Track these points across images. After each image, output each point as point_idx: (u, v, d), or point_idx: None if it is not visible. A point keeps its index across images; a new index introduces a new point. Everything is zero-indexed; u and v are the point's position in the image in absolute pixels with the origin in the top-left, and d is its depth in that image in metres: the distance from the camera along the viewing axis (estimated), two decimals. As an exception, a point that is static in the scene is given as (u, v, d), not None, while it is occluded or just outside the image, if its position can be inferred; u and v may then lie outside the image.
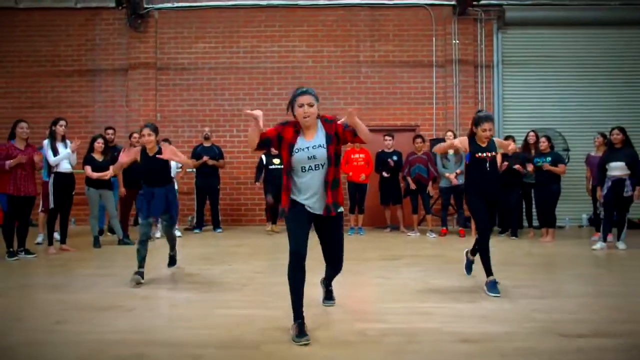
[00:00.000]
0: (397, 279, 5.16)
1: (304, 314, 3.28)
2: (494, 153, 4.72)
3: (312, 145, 3.29)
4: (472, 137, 4.73)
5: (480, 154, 4.62)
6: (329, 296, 4.07)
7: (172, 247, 5.59)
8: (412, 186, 8.70)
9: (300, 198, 3.36)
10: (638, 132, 9.90)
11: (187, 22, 10.56)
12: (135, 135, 8.16)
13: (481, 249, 4.56)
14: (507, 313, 3.83)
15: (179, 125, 10.51)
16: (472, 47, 10.42)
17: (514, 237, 8.22)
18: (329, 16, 10.48)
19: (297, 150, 3.29)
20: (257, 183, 9.08)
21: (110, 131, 8.48)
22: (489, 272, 4.50)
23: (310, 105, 3.26)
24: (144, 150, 5.28)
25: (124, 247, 7.37)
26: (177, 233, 8.59)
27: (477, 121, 4.64)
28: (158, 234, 8.46)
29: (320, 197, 3.36)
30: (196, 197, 9.36)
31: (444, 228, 8.72)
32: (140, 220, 5.28)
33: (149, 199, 5.20)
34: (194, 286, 4.81)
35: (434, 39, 10.43)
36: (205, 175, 9.20)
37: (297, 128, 3.35)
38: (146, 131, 5.21)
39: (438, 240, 8.32)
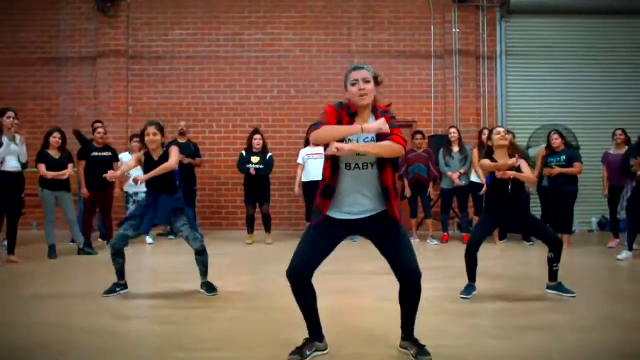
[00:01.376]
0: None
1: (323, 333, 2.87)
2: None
3: (364, 137, 2.71)
4: (488, 152, 4.35)
5: (501, 175, 4.22)
6: (420, 347, 2.83)
7: (204, 272, 4.51)
8: (407, 192, 7.87)
9: (338, 205, 2.74)
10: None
11: (162, 6, 9.60)
12: (100, 130, 7.21)
13: (466, 255, 4.32)
14: (552, 352, 2.98)
15: (152, 119, 9.50)
16: (473, 37, 9.61)
17: (529, 243, 7.43)
18: (318, 1, 9.60)
19: (346, 141, 2.67)
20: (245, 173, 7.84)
21: (98, 124, 7.44)
22: (470, 277, 4.34)
23: (366, 81, 2.69)
24: (147, 153, 4.52)
25: (85, 258, 6.43)
26: (148, 239, 7.71)
27: (489, 133, 4.45)
28: (150, 239, 7.64)
29: (369, 200, 2.74)
30: (170, 199, 8.39)
31: (446, 233, 7.89)
32: (122, 229, 4.38)
33: (153, 207, 4.38)
34: (150, 317, 3.92)
35: (432, 27, 9.60)
36: (180, 174, 8.23)
37: (350, 112, 2.76)
38: (151, 129, 4.45)
39: (440, 247, 7.50)
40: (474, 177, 7.63)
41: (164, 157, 4.49)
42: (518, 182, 4.32)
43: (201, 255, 4.46)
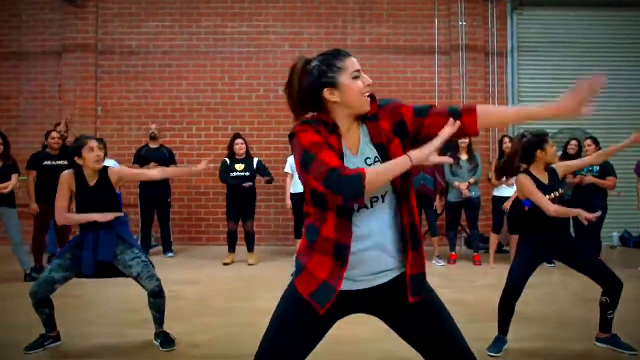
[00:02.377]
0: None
1: None
2: (562, 191, 3.44)
3: (361, 158, 1.75)
4: (529, 171, 3.49)
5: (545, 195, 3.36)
6: None
7: (160, 320, 3.51)
8: None
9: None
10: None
11: (136, -5, 8.61)
12: (54, 134, 6.22)
13: (501, 307, 3.40)
14: None
15: (124, 121, 8.54)
16: (482, 31, 8.64)
17: (550, 265, 6.50)
18: (310, -10, 8.65)
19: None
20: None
21: (60, 127, 6.73)
22: (502, 330, 3.42)
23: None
24: (79, 176, 3.46)
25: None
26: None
27: (540, 141, 3.48)
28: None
29: (386, 256, 1.75)
30: (141, 212, 7.39)
31: (453, 253, 6.93)
32: (48, 272, 3.34)
33: (92, 239, 3.36)
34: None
35: (436, 20, 8.64)
36: (153, 185, 7.25)
37: (332, 129, 1.75)
38: (94, 143, 3.45)
39: (449, 269, 6.55)
40: (496, 192, 6.71)
41: (104, 183, 3.48)
42: (562, 202, 3.43)
43: (156, 299, 3.43)
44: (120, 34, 8.61)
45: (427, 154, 1.61)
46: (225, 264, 6.76)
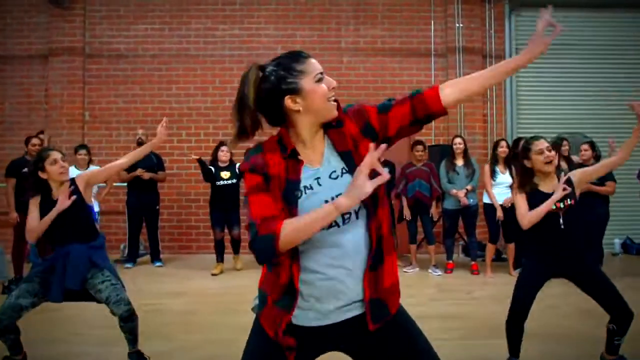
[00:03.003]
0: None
1: None
2: (571, 201, 3.00)
3: (332, 172, 1.55)
4: (532, 185, 3.12)
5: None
6: None
7: (133, 341, 3.26)
8: (407, 215, 6.69)
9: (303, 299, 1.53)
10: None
11: (125, -3, 8.40)
12: (35, 141, 6.00)
13: (509, 327, 3.12)
14: None
15: (112, 127, 8.31)
16: (479, 33, 8.46)
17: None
18: (302, -8, 8.46)
19: (306, 192, 1.52)
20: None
21: (42, 136, 6.45)
22: (512, 351, 3.16)
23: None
24: (44, 189, 3.28)
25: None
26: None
27: (524, 152, 3.14)
28: None
29: (354, 280, 1.53)
30: (128, 220, 7.16)
31: (450, 262, 6.70)
32: (13, 296, 3.07)
33: (61, 264, 3.12)
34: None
35: (432, 22, 8.44)
36: (141, 191, 7.05)
37: (286, 150, 1.56)
38: (57, 154, 3.25)
39: (445, 279, 6.32)
40: (486, 198, 6.47)
41: (73, 194, 3.23)
42: (573, 209, 3.06)
43: (126, 323, 3.16)
44: (108, 37, 8.40)
45: (354, 197, 1.40)
46: (214, 274, 6.54)
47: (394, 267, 1.63)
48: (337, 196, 1.46)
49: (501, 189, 6.32)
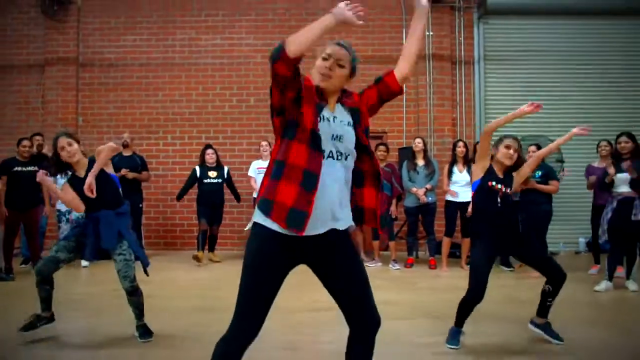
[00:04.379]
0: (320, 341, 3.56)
1: None
2: (509, 190, 3.66)
3: (338, 119, 2.14)
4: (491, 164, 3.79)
5: (492, 183, 3.68)
6: None
7: (139, 315, 3.80)
8: None
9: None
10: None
11: (115, 11, 8.97)
12: (26, 142, 6.57)
13: (462, 305, 3.58)
14: None
15: (104, 130, 8.87)
16: (448, 40, 8.87)
17: (508, 269, 6.68)
18: (280, 4, 8.93)
19: (321, 118, 2.09)
20: (178, 201, 7.58)
21: (38, 138, 7.14)
22: (458, 322, 3.63)
23: (341, 66, 2.20)
24: (71, 175, 3.80)
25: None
26: (84, 262, 7.03)
27: (497, 142, 3.85)
28: (86, 262, 6.89)
29: (334, 205, 2.06)
30: (113, 218, 7.71)
31: (411, 257, 7.12)
32: (52, 251, 3.70)
33: (93, 228, 3.67)
34: None
35: (403, 30, 8.87)
36: (125, 191, 7.51)
37: (318, 91, 2.16)
38: (64, 141, 3.71)
39: (402, 273, 6.74)
40: (449, 196, 6.88)
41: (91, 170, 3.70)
42: (509, 199, 3.69)
43: (131, 297, 3.74)
44: (99, 48, 8.99)
45: (340, 14, 2.09)
46: (196, 258, 7.16)
47: (372, 198, 2.15)
48: (339, 136, 2.08)
49: (458, 187, 6.76)
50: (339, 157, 2.06)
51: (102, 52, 9.00)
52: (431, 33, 8.79)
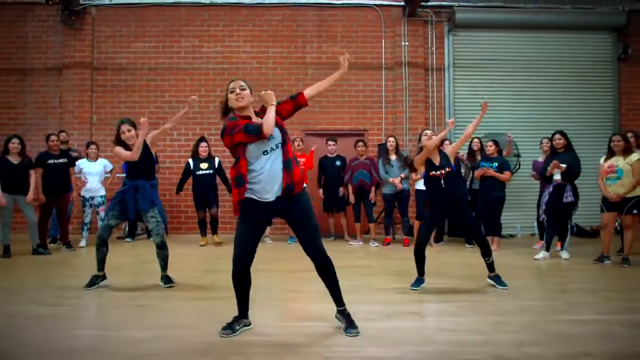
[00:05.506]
0: (308, 290, 4.72)
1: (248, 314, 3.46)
2: (447, 169, 4.76)
3: (274, 143, 3.25)
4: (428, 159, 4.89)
5: (433, 172, 4.78)
6: (350, 322, 3.42)
7: (164, 266, 4.97)
8: (351, 199, 8.32)
9: (257, 189, 3.23)
10: (591, 137, 9.74)
11: (126, 20, 10.04)
12: (53, 137, 7.61)
13: (416, 252, 4.78)
14: (406, 333, 3.41)
15: (116, 128, 9.88)
16: (422, 50, 10.11)
17: (470, 246, 7.88)
18: (274, 15, 10.07)
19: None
20: (177, 194, 8.52)
21: (63, 134, 8.25)
22: (419, 271, 4.80)
23: (243, 89, 3.30)
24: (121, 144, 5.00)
25: (38, 258, 6.80)
26: (128, 239, 8.16)
27: (419, 136, 4.99)
28: (83, 242, 7.93)
29: (279, 180, 3.24)
30: (128, 204, 8.79)
31: (388, 237, 8.31)
32: (105, 220, 4.86)
33: (133, 193, 4.81)
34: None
35: (383, 40, 10.09)
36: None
37: (244, 116, 3.31)
38: (125, 127, 4.97)
39: (380, 249, 7.92)
40: (417, 185, 8.05)
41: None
42: (450, 174, 4.78)
43: (161, 250, 4.90)
44: (112, 53, 10.03)
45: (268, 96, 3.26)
46: (202, 245, 8.13)
47: (299, 174, 3.30)
48: (271, 135, 3.19)
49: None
50: (277, 147, 3.22)
51: (114, 57, 10.04)
52: (407, 43, 10.01)
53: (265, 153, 3.20)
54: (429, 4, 9.81)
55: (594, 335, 3.37)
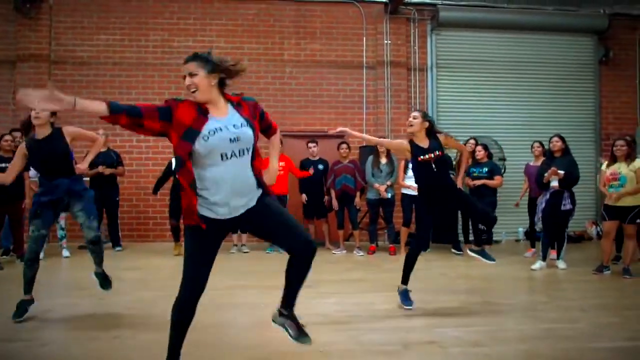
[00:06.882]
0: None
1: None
2: (438, 153, 4.29)
3: (231, 123, 2.51)
4: (410, 140, 4.40)
5: (423, 157, 4.29)
6: (300, 328, 2.71)
7: (99, 263, 4.31)
8: (335, 205, 7.85)
9: (212, 200, 2.52)
10: (573, 140, 9.54)
11: (87, 10, 9.24)
12: (7, 137, 6.85)
13: (410, 256, 4.38)
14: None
15: (76, 126, 9.10)
16: (404, 48, 9.72)
17: (458, 252, 7.52)
18: (250, 9, 9.49)
19: (213, 132, 2.44)
20: (155, 194, 7.84)
21: (16, 133, 7.27)
22: (405, 280, 4.40)
23: (193, 75, 2.55)
24: (31, 140, 4.19)
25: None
26: (65, 253, 7.38)
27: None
28: (67, 253, 7.34)
29: (244, 194, 2.55)
30: (91, 210, 8.05)
31: (373, 245, 7.88)
32: (30, 231, 4.06)
33: (51, 193, 4.06)
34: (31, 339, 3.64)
35: (364, 38, 9.65)
36: (101, 185, 7.92)
37: (200, 107, 2.53)
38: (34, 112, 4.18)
39: (366, 258, 7.48)
40: (404, 190, 7.66)
41: (51, 139, 4.19)
42: (441, 159, 4.34)
43: (95, 246, 4.20)
44: (72, 46, 9.22)
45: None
46: (176, 255, 7.43)
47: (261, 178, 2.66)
48: (236, 138, 2.47)
49: (412, 181, 7.55)
50: (242, 154, 2.51)
51: (75, 50, 9.24)
52: (389, 42, 9.60)
53: (224, 158, 2.58)
54: (412, 1, 9.44)
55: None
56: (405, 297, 4.36)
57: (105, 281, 4.35)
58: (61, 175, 4.15)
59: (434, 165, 4.28)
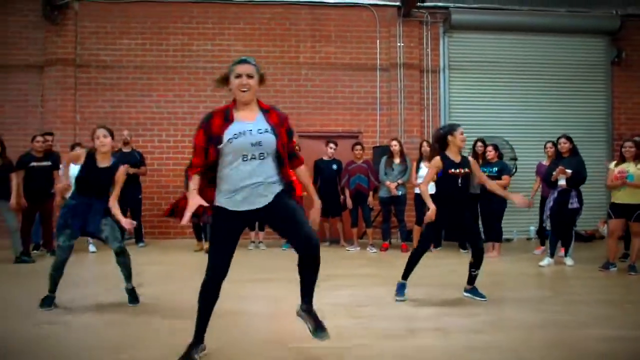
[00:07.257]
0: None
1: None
2: (467, 170, 4.58)
3: (256, 128, 2.80)
4: (442, 153, 4.61)
5: (453, 170, 4.55)
6: (318, 324, 2.92)
7: (127, 277, 4.48)
8: (349, 204, 8.09)
9: (231, 195, 2.82)
10: (585, 141, 9.68)
11: (111, 15, 9.61)
12: (39, 138, 7.23)
13: (414, 255, 4.65)
14: (434, 353, 3.19)
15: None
16: (417, 51, 9.93)
17: (465, 251, 7.72)
18: (265, 13, 9.78)
19: (235, 136, 2.75)
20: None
21: (49, 137, 7.74)
22: (405, 276, 4.65)
23: (250, 77, 2.81)
24: (91, 156, 4.41)
25: (21, 267, 6.41)
26: (92, 248, 7.74)
27: (450, 129, 4.70)
28: (93, 248, 7.65)
29: (261, 193, 2.84)
30: (115, 208, 8.42)
31: (386, 242, 8.11)
32: (60, 241, 4.27)
33: (84, 210, 4.29)
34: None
35: (377, 41, 9.88)
36: (125, 184, 8.15)
37: (227, 114, 2.84)
38: (101, 132, 4.41)
39: (378, 255, 7.72)
40: (418, 190, 7.84)
41: (110, 171, 4.44)
42: (467, 177, 4.60)
43: (120, 257, 4.41)
44: (96, 50, 9.61)
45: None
46: (196, 251, 7.76)
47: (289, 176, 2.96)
48: (258, 142, 2.76)
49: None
50: (262, 157, 2.80)
51: (99, 54, 9.62)
52: (402, 44, 9.82)
53: (245, 159, 2.87)
54: (424, 4, 9.64)
55: (626, 355, 3.21)
56: (400, 289, 4.61)
57: (133, 297, 4.50)
58: (98, 197, 4.40)
59: (460, 180, 4.55)
